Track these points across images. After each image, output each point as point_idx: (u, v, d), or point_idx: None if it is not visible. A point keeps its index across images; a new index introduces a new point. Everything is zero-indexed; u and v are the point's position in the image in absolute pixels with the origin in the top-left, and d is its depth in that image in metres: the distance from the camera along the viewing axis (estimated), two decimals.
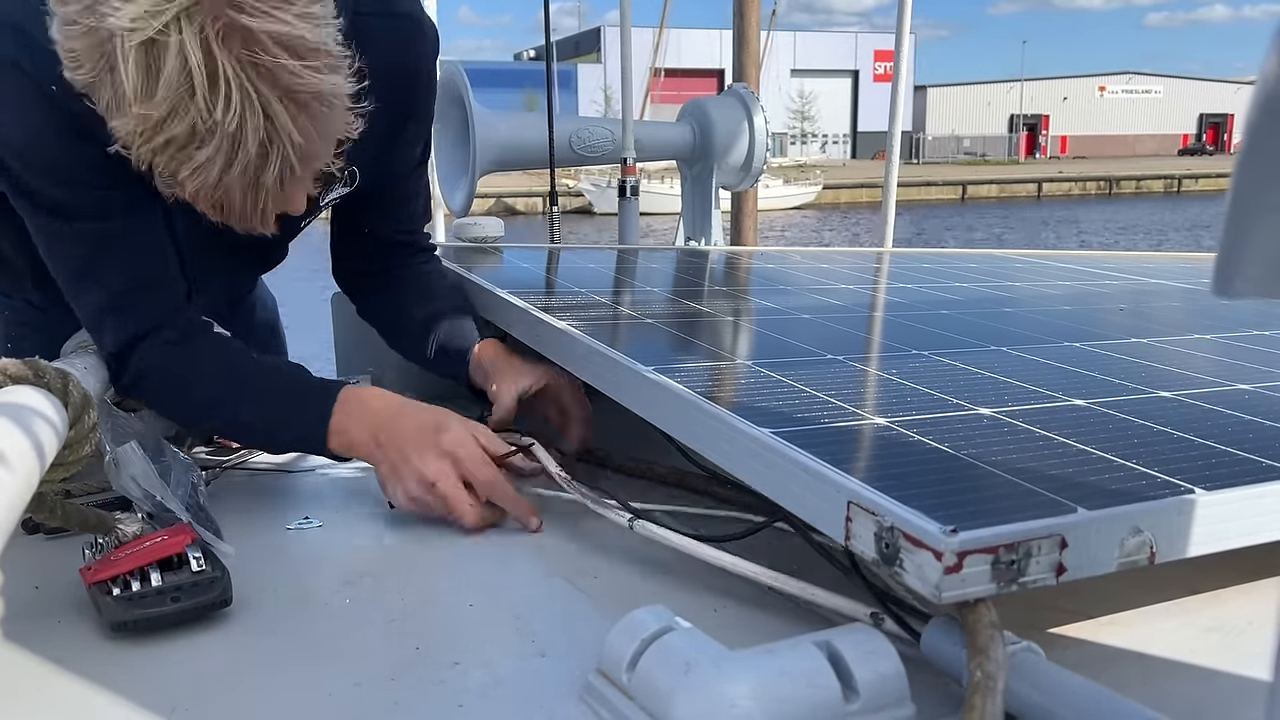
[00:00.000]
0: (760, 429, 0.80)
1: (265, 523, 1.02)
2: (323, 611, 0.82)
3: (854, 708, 0.59)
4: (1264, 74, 0.34)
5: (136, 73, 0.82)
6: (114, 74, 0.83)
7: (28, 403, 0.81)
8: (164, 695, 0.68)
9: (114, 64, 0.83)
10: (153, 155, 0.88)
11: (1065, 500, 0.67)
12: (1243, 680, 0.70)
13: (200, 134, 0.85)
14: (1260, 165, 0.35)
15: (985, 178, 39.57)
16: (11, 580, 0.86)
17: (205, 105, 0.83)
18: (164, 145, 0.86)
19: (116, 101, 0.85)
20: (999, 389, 0.99)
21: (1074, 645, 0.75)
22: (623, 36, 2.91)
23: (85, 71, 0.86)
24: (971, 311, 1.46)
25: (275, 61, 0.84)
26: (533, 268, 1.70)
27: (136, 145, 0.87)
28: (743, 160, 3.12)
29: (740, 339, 1.20)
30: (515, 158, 2.82)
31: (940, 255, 2.43)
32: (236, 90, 0.83)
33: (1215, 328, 1.42)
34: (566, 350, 1.15)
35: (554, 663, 0.73)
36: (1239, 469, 0.76)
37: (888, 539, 0.64)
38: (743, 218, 5.18)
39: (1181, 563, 0.70)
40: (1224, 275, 0.36)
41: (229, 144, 0.86)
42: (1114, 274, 2.07)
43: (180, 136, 0.85)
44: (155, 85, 0.82)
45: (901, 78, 3.13)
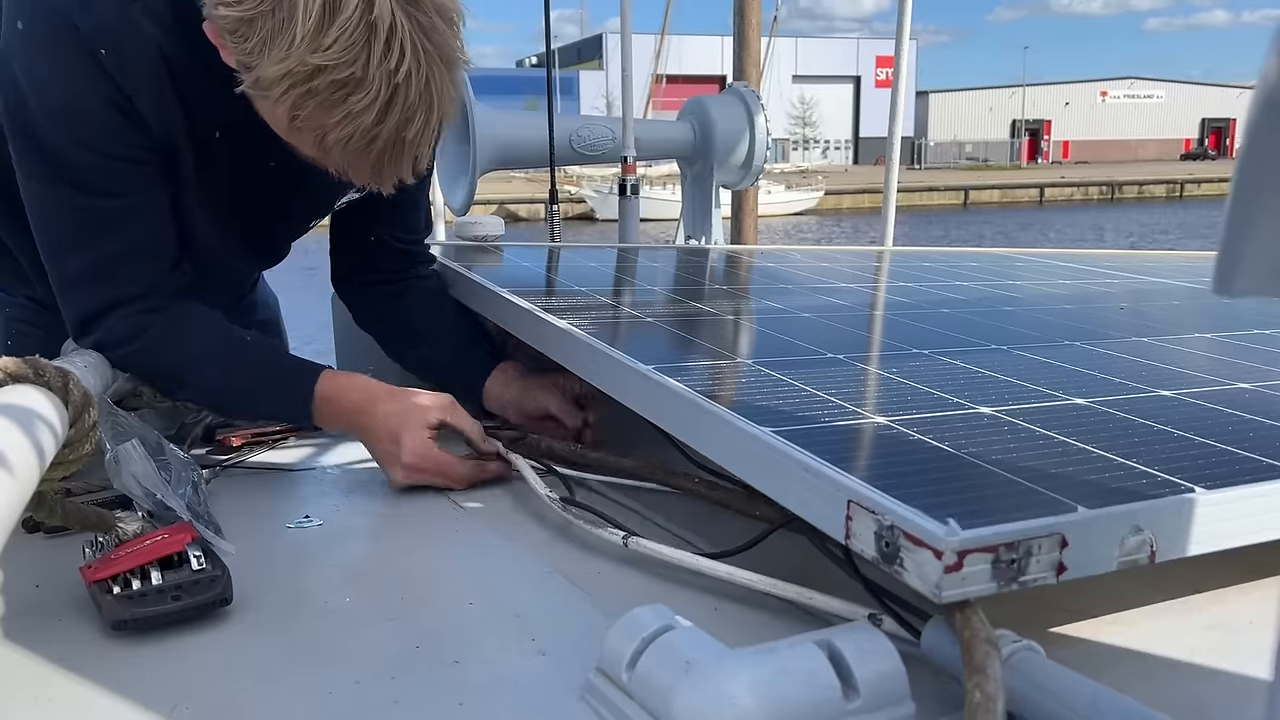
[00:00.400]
0: (761, 428, 0.80)
1: (265, 521, 1.02)
2: (323, 610, 0.82)
3: (854, 706, 0.59)
4: (1264, 75, 0.34)
5: (317, 10, 0.86)
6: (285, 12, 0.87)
7: (28, 401, 0.81)
8: (164, 693, 0.68)
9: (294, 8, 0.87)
10: (305, 97, 0.90)
11: (1066, 499, 0.67)
12: (1243, 679, 0.70)
13: (364, 80, 0.89)
14: (1260, 165, 0.35)
15: (987, 183, 39.56)
16: (12, 579, 0.86)
17: (380, 55, 0.88)
18: (325, 87, 0.89)
19: (276, 41, 0.88)
20: (1000, 388, 0.98)
21: (1074, 644, 0.75)
22: (623, 34, 2.91)
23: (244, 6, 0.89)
24: (972, 310, 1.46)
25: (434, 23, 0.92)
26: (533, 266, 1.70)
27: (289, 85, 0.90)
28: (743, 159, 3.12)
29: (740, 338, 1.20)
30: (516, 156, 2.82)
31: (941, 254, 2.43)
32: (409, 44, 0.89)
33: (1216, 327, 1.41)
34: (567, 350, 1.15)
35: (554, 661, 0.73)
36: (1239, 468, 0.76)
37: (888, 538, 0.64)
38: (743, 217, 5.19)
39: (1182, 562, 0.70)
40: (1224, 274, 0.36)
41: (391, 93, 0.90)
42: (1115, 273, 2.07)
43: (344, 80, 0.89)
44: (330, 28, 0.87)
45: (901, 79, 3.12)
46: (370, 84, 0.89)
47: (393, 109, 0.92)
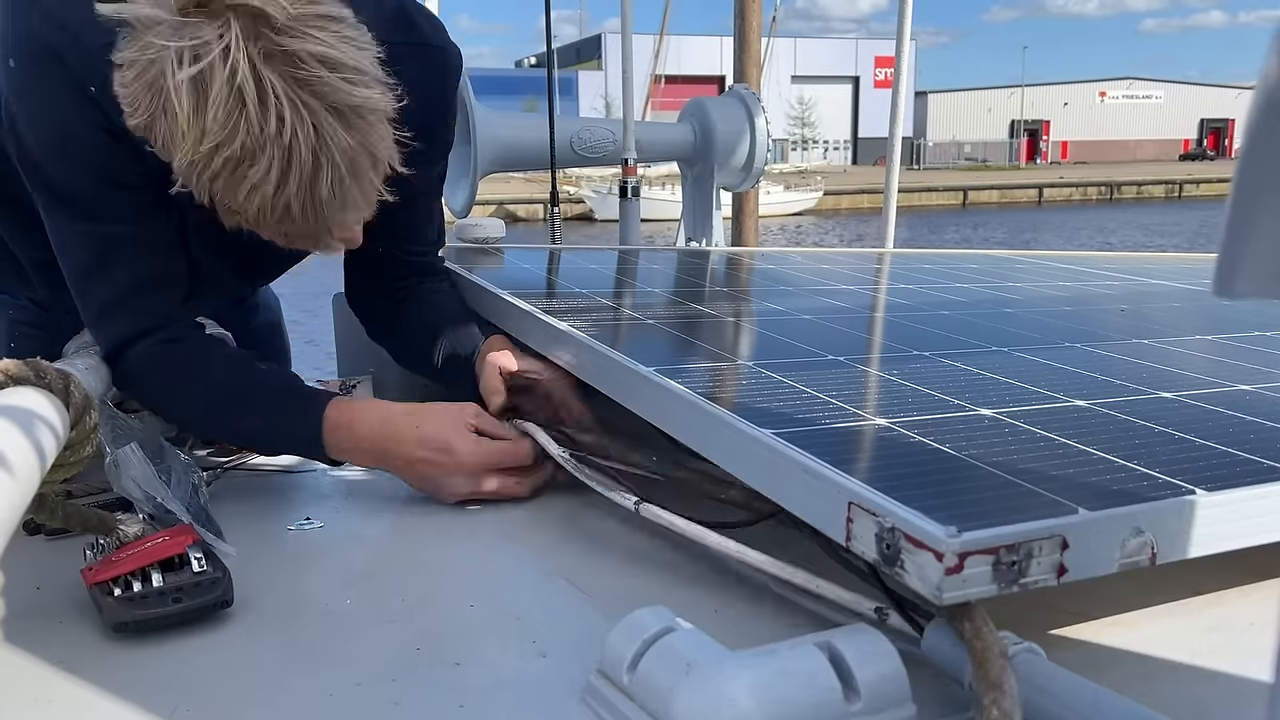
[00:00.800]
0: (761, 430, 0.80)
1: (266, 523, 1.02)
2: (323, 612, 0.82)
3: (855, 708, 0.59)
4: (1264, 75, 0.34)
5: (188, 99, 0.87)
6: (167, 107, 0.88)
7: (29, 404, 0.81)
8: (165, 695, 0.68)
9: (166, 97, 0.88)
10: (212, 182, 0.91)
11: (1066, 501, 0.67)
12: (1244, 681, 0.70)
13: (252, 149, 0.88)
14: (1261, 166, 0.35)
15: (986, 183, 39.57)
16: (12, 581, 0.86)
17: (257, 119, 0.87)
18: (221, 167, 0.89)
19: (172, 136, 0.90)
20: (1000, 390, 0.98)
21: (1075, 646, 0.75)
22: (624, 36, 2.91)
23: (142, 112, 0.90)
24: (972, 312, 1.46)
25: (317, 76, 0.89)
26: (534, 268, 1.70)
27: (196, 175, 0.91)
28: (744, 160, 3.12)
29: (741, 340, 1.20)
30: (516, 158, 2.82)
31: (941, 256, 2.43)
32: (286, 103, 0.88)
33: (1216, 328, 1.42)
34: (568, 351, 1.15)
35: (555, 663, 0.73)
36: (1240, 470, 0.76)
37: (889, 540, 0.64)
38: (744, 218, 5.19)
39: (1183, 563, 0.70)
40: (1225, 276, 0.36)
41: (281, 156, 0.89)
42: (1115, 275, 2.07)
43: (235, 155, 0.88)
44: (205, 108, 0.87)
45: (902, 79, 3.13)
46: (260, 152, 0.89)
47: (290, 171, 0.90)
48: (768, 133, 3.12)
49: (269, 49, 0.87)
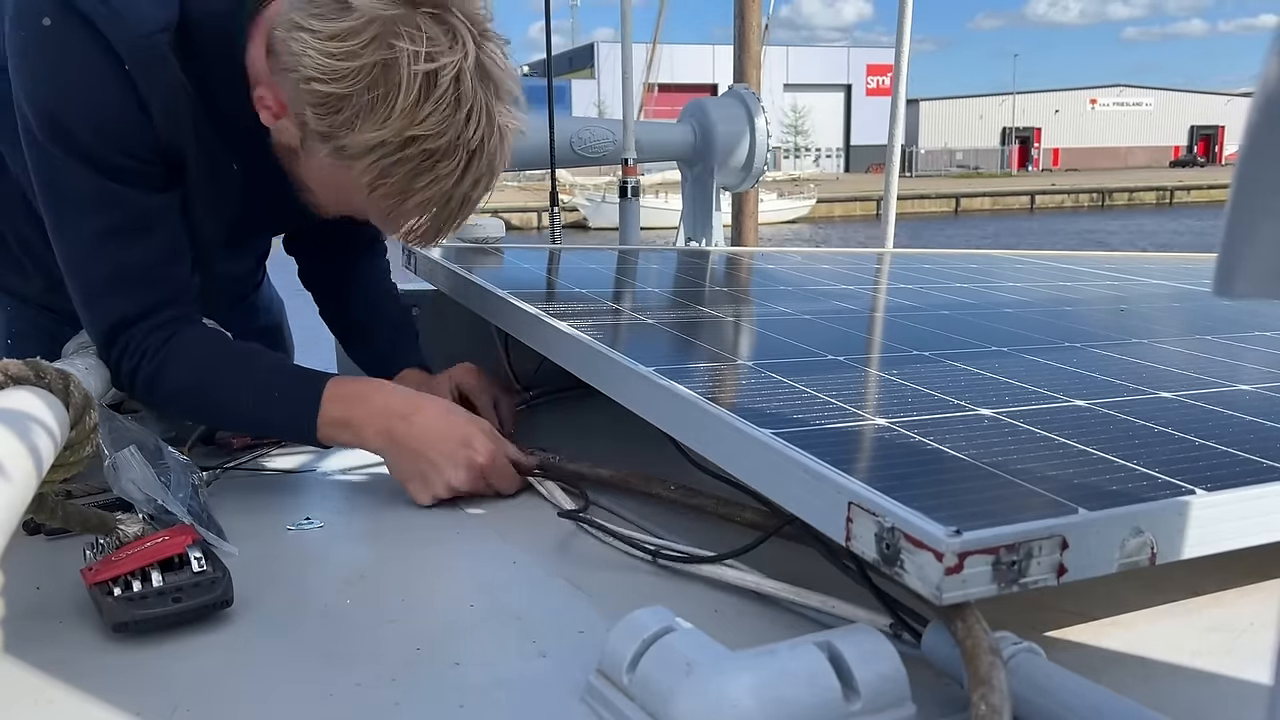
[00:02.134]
0: (761, 430, 0.80)
1: (266, 523, 1.02)
2: (323, 612, 0.82)
3: (855, 708, 0.59)
4: (1264, 76, 0.34)
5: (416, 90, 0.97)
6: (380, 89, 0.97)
7: (29, 404, 0.81)
8: (165, 695, 0.68)
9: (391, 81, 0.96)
10: (394, 165, 1.00)
11: (1066, 501, 0.67)
12: (1243, 682, 0.70)
13: (451, 149, 1.00)
14: (1261, 167, 0.35)
15: (978, 190, 39.59)
16: (12, 581, 0.86)
17: (462, 126, 1.00)
18: (417, 155, 1.00)
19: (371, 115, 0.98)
20: (1000, 390, 0.99)
21: (1075, 646, 0.75)
22: (624, 37, 2.91)
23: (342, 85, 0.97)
24: (972, 312, 1.46)
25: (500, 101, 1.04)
26: (533, 268, 1.70)
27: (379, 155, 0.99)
28: (743, 161, 3.12)
29: (741, 340, 1.20)
30: (516, 157, 2.81)
31: (941, 256, 2.43)
32: (484, 117, 1.01)
33: (1216, 328, 1.42)
34: (568, 351, 1.15)
35: (554, 663, 0.73)
36: (1240, 470, 0.76)
37: (888, 540, 0.64)
38: (743, 219, 5.19)
39: (1182, 563, 0.70)
40: (1225, 276, 0.36)
41: (467, 160, 1.02)
42: (1115, 275, 2.07)
43: (434, 150, 1.00)
44: (427, 103, 0.97)
45: (901, 85, 3.13)
46: (455, 152, 1.01)
47: (468, 173, 1.03)
48: (768, 133, 3.12)
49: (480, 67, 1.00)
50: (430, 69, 0.96)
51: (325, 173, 1.09)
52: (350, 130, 0.99)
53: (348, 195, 1.10)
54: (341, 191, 1.11)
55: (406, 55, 0.95)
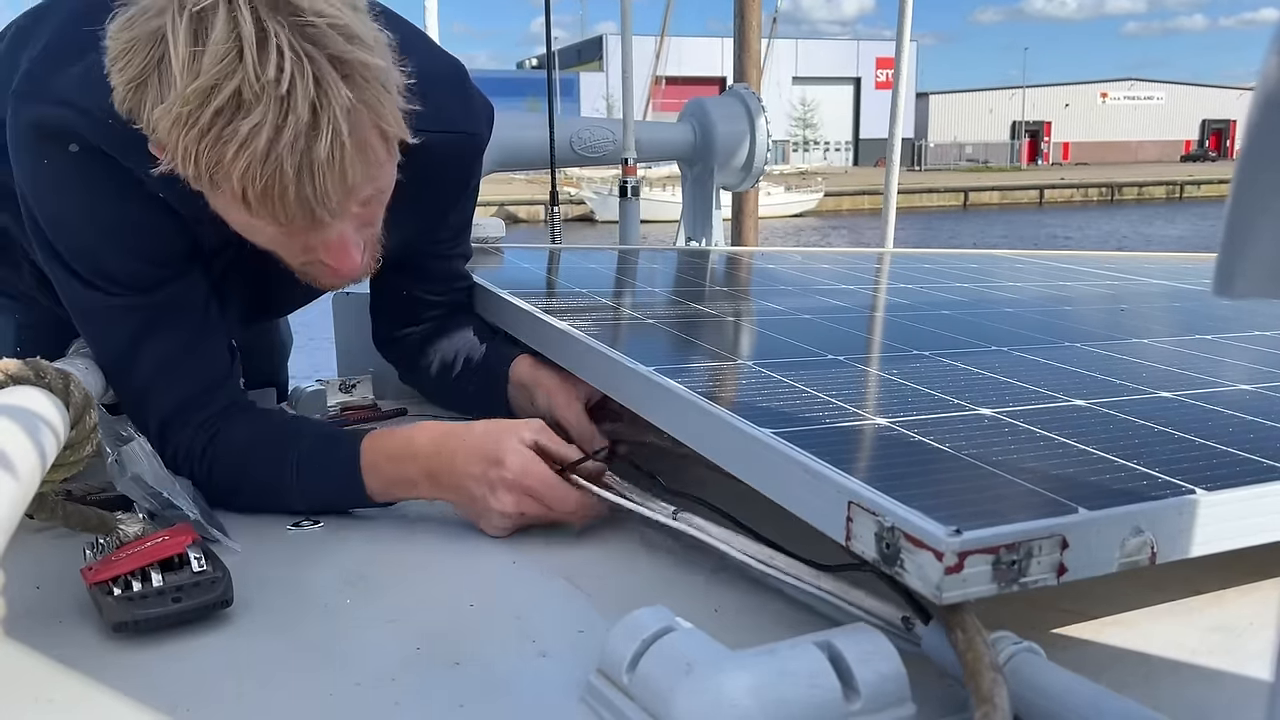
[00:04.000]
0: (761, 429, 0.80)
1: (266, 523, 1.02)
2: (323, 611, 0.82)
3: (855, 708, 0.59)
4: (1264, 75, 0.34)
5: (185, 41, 0.81)
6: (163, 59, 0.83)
7: (29, 403, 0.81)
8: (165, 695, 0.68)
9: (163, 43, 0.82)
10: (198, 140, 0.83)
11: (1066, 500, 0.67)
12: (1244, 680, 0.70)
13: (248, 100, 0.82)
14: (1261, 166, 0.35)
15: (987, 184, 39.55)
16: (12, 580, 0.85)
17: (254, 66, 0.81)
18: (211, 120, 0.82)
19: (162, 89, 0.83)
20: (1000, 389, 0.98)
21: (1075, 645, 0.75)
22: (624, 36, 2.91)
23: (133, 68, 0.84)
24: (972, 312, 1.46)
25: (320, 30, 0.84)
26: (534, 268, 1.70)
27: (182, 134, 0.83)
28: (743, 160, 3.12)
29: (741, 339, 1.20)
30: (516, 157, 2.83)
31: (941, 255, 2.43)
32: (288, 50, 0.82)
33: (1216, 328, 1.41)
34: (568, 351, 1.15)
35: (555, 663, 0.73)
36: (1240, 469, 0.76)
37: (888, 539, 0.64)
38: (744, 218, 5.19)
39: (1182, 563, 0.70)
40: (1225, 276, 0.36)
41: (278, 107, 0.82)
42: (1115, 274, 2.07)
43: (227, 106, 0.82)
44: (203, 55, 0.81)
45: (902, 80, 3.13)
46: (255, 101, 0.82)
47: (285, 126, 0.83)
48: (768, 132, 3.12)
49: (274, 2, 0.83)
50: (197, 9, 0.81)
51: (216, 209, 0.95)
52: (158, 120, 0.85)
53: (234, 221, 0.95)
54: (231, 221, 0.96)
55: (172, 10, 0.82)
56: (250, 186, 0.85)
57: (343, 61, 0.85)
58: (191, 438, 1.07)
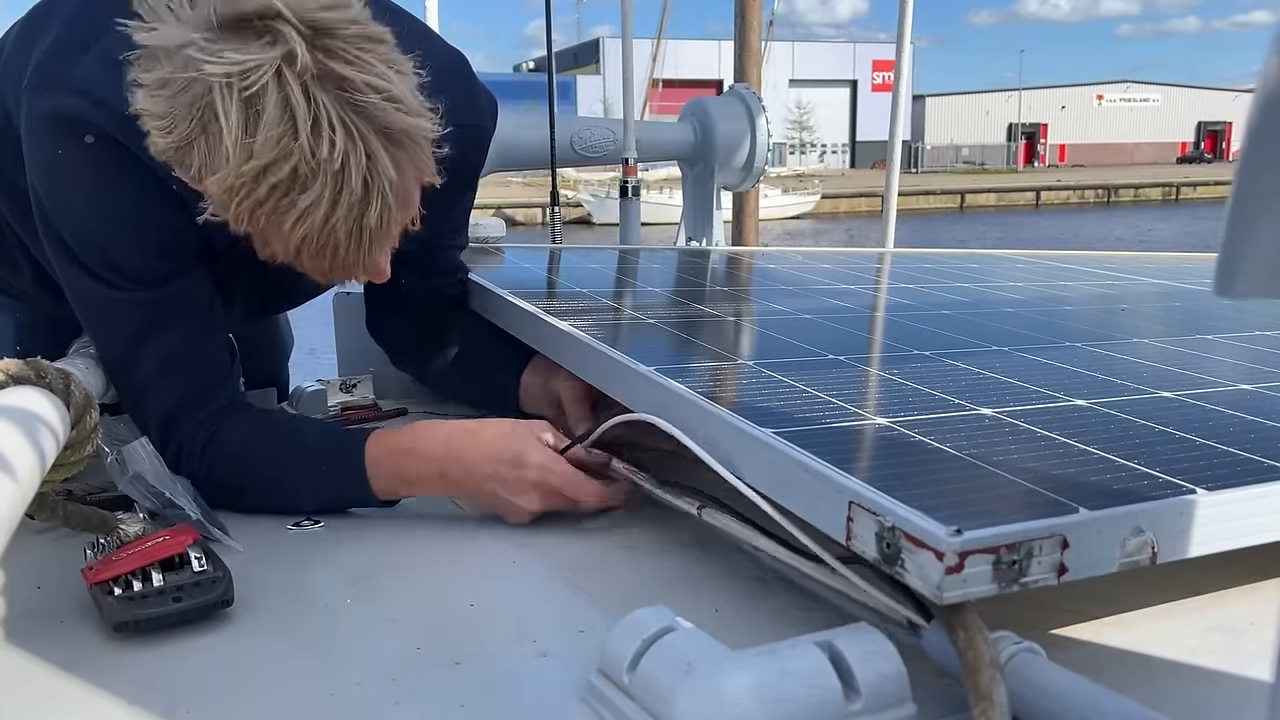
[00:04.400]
0: (762, 429, 0.80)
1: (266, 523, 1.02)
2: (323, 611, 0.82)
3: (855, 708, 0.59)
4: (1264, 75, 0.34)
5: (239, 120, 0.83)
6: (210, 128, 0.84)
7: (29, 403, 0.81)
8: (165, 695, 0.68)
9: (212, 116, 0.84)
10: (253, 209, 0.87)
11: (1067, 500, 0.67)
12: (1244, 681, 0.70)
13: (304, 176, 0.85)
14: (1261, 166, 0.35)
15: (984, 186, 39.56)
16: (13, 580, 0.86)
17: (309, 145, 0.84)
18: (268, 193, 0.86)
19: (212, 158, 0.85)
20: (1000, 389, 0.98)
21: (1075, 645, 0.75)
22: (624, 36, 2.91)
23: (178, 133, 0.86)
24: (973, 312, 1.46)
25: (369, 101, 0.86)
26: (534, 268, 1.70)
27: (236, 201, 0.87)
28: (744, 160, 3.12)
29: (742, 339, 1.20)
30: (517, 157, 2.82)
31: (942, 255, 2.43)
32: (339, 128, 0.85)
33: (1217, 328, 1.41)
34: (569, 351, 1.15)
35: (555, 663, 0.73)
36: (1241, 469, 0.76)
37: (889, 539, 0.64)
38: (744, 218, 5.19)
39: (1183, 563, 0.70)
40: (1225, 276, 0.36)
41: (334, 183, 0.86)
42: (1116, 274, 2.07)
43: (284, 181, 0.85)
44: (257, 131, 0.83)
45: (902, 82, 3.13)
46: (312, 178, 0.85)
47: (341, 197, 0.87)
48: (768, 132, 3.12)
49: (323, 72, 0.84)
50: (246, 91, 0.82)
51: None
52: (204, 180, 0.88)
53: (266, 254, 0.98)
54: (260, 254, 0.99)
55: (219, 84, 0.82)
56: (305, 249, 0.91)
57: (390, 133, 0.88)
58: (193, 435, 1.06)
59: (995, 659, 0.60)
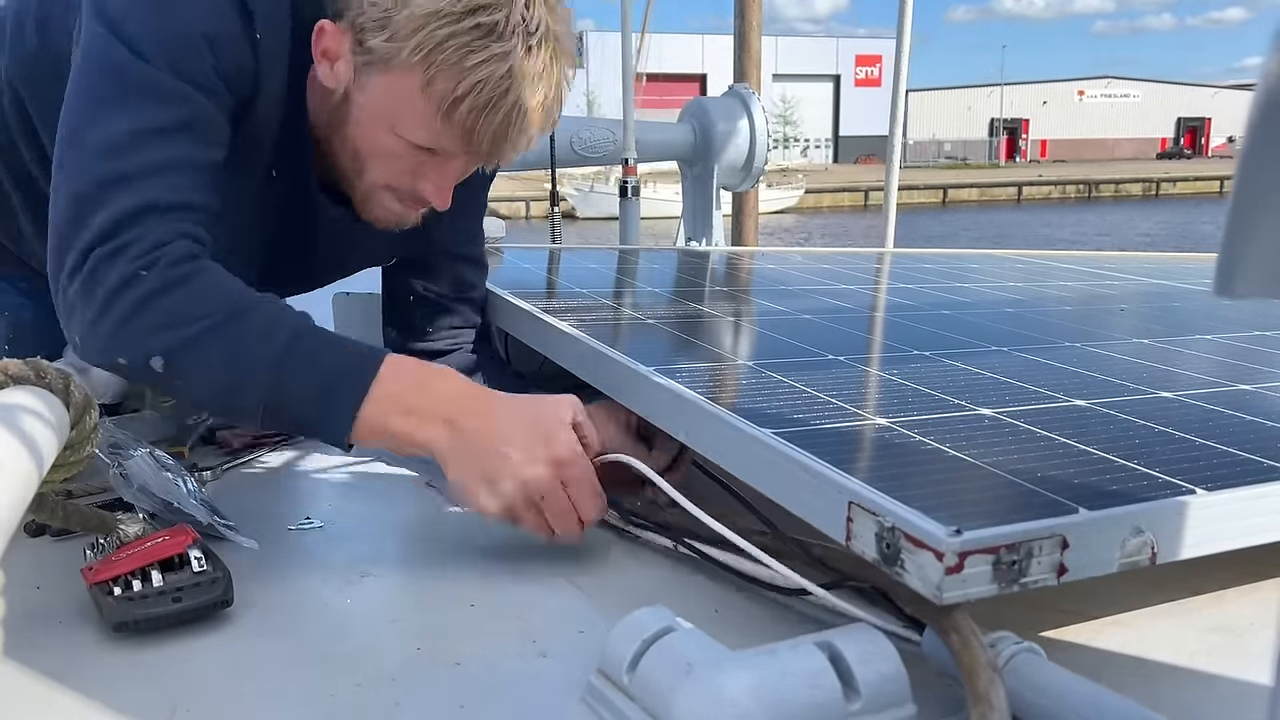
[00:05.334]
0: (761, 429, 0.80)
1: (266, 523, 1.02)
2: (323, 612, 0.82)
3: (855, 708, 0.59)
4: (1265, 75, 0.34)
5: None
6: None
7: (29, 403, 0.81)
8: (165, 695, 0.68)
9: None
10: (448, 37, 0.94)
11: (1066, 500, 0.67)
12: (1244, 681, 0.70)
13: (508, 31, 0.95)
14: (1261, 165, 0.35)
15: (966, 181, 39.62)
16: (13, 581, 0.86)
17: (523, 8, 0.95)
18: (471, 29, 0.94)
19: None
20: (1000, 389, 0.99)
21: (1075, 646, 0.75)
22: (623, 36, 2.91)
23: None
24: (972, 312, 1.46)
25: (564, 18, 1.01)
26: (534, 268, 1.70)
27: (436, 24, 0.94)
28: (743, 160, 3.12)
29: (741, 339, 1.20)
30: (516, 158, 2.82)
31: (941, 255, 2.43)
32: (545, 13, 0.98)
33: (1216, 328, 1.42)
34: (569, 351, 1.15)
35: (555, 663, 0.73)
36: (1240, 469, 0.76)
37: (888, 539, 0.64)
38: (743, 218, 5.19)
39: (1183, 563, 0.70)
40: (1225, 275, 0.36)
41: (525, 49, 0.96)
42: (1115, 274, 2.07)
43: (489, 25, 0.94)
44: None
45: (901, 79, 3.13)
46: (511, 35, 0.94)
47: (528, 64, 0.96)
48: (767, 132, 3.12)
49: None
50: None
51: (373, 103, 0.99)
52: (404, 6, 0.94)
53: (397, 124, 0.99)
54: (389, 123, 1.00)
55: None
56: (469, 97, 0.96)
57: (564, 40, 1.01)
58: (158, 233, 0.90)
59: (992, 661, 0.60)
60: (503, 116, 0.98)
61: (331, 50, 1.02)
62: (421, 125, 1.00)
